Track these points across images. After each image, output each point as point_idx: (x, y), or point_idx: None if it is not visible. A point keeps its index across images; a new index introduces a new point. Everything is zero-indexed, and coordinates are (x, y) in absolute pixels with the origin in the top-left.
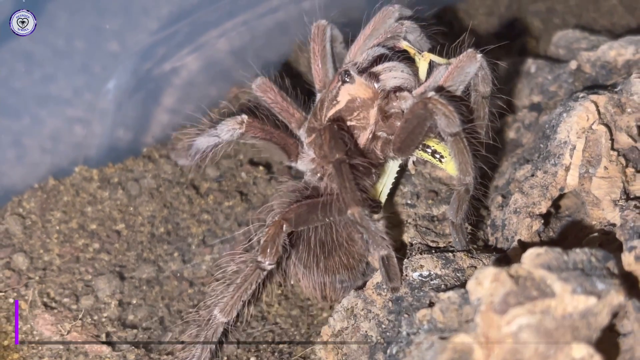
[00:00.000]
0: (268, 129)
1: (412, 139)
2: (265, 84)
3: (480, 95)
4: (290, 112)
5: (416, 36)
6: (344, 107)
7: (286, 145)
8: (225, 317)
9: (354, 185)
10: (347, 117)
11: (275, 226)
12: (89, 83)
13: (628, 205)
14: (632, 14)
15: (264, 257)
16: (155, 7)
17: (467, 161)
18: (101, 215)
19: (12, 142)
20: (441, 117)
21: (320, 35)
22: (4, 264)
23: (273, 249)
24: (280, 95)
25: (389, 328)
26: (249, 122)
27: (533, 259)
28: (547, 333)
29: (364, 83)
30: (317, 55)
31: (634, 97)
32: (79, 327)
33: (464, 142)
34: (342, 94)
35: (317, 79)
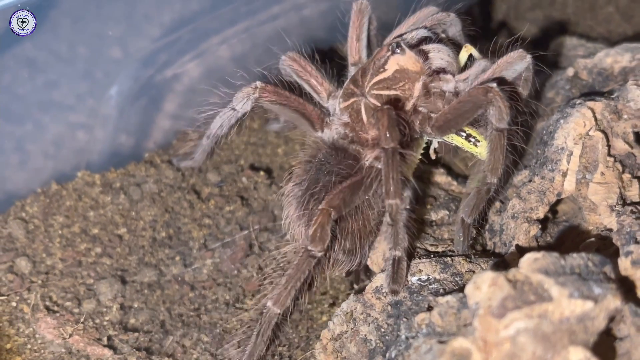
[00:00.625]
0: (283, 93)
1: (458, 120)
2: (295, 54)
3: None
4: (319, 81)
5: (457, 30)
6: (391, 75)
7: (307, 113)
8: (279, 308)
9: (399, 177)
10: (392, 86)
11: (324, 214)
12: (92, 89)
13: (624, 211)
14: (629, 21)
15: (314, 245)
16: (157, 15)
17: (501, 161)
18: (103, 219)
19: (16, 147)
20: (496, 109)
21: (362, 12)
22: (6, 267)
23: (323, 236)
24: (310, 65)
25: (388, 332)
26: (262, 87)
27: (530, 264)
28: (545, 337)
29: (413, 56)
30: (356, 29)
31: (630, 104)
32: (81, 331)
33: (504, 140)
34: (390, 63)
35: (352, 52)
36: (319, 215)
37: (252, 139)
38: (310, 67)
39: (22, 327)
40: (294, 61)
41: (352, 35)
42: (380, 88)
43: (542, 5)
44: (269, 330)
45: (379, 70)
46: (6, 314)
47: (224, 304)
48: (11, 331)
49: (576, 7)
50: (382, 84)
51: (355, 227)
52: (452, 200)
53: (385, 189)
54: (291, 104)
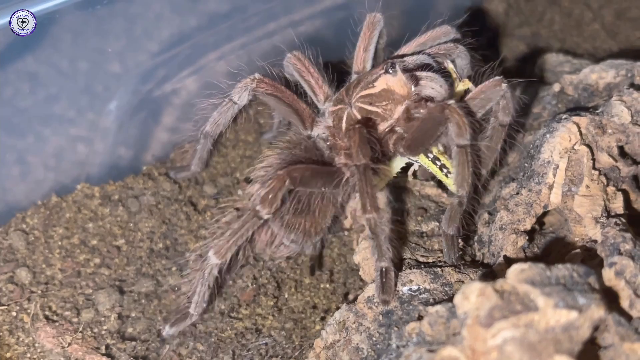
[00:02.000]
0: (279, 87)
1: (423, 139)
2: (300, 54)
3: (498, 123)
4: (319, 83)
5: (465, 63)
6: (377, 93)
7: (300, 110)
8: (219, 258)
9: (374, 192)
10: (376, 103)
11: (279, 179)
12: (92, 103)
13: (609, 223)
14: (614, 38)
15: (262, 207)
16: (156, 31)
17: (466, 175)
18: (102, 231)
19: (17, 159)
20: (454, 126)
21: (373, 25)
22: (7, 278)
23: (273, 200)
24: (313, 67)
25: (380, 341)
26: (260, 78)
27: (517, 274)
28: (531, 346)
29: (403, 80)
30: (365, 40)
31: (614, 119)
32: (80, 340)
33: (468, 156)
34: (380, 81)
35: (358, 61)
36: (274, 179)
37: (248, 152)
38: (312, 68)
39: (21, 337)
40: (298, 60)
41: (361, 45)
42: (364, 102)
43: (530, 23)
44: (210, 278)
45: (368, 85)
46: (6, 324)
47: (219, 314)
48: (11, 340)
49: (563, 24)
50: (368, 98)
51: (306, 222)
52: (443, 212)
53: (361, 204)
54: (286, 99)
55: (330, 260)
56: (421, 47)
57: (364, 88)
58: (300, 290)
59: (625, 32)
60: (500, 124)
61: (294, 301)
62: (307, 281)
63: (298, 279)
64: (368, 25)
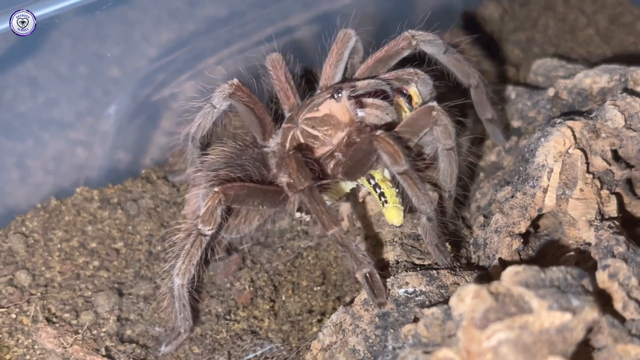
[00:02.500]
0: (254, 98)
1: (357, 168)
2: (278, 60)
3: (444, 148)
4: (288, 94)
5: (427, 90)
6: (320, 117)
7: (264, 122)
8: (182, 280)
9: (327, 207)
10: (317, 127)
11: (213, 199)
12: (91, 107)
13: (602, 226)
14: (608, 43)
15: (204, 225)
16: (155, 36)
17: (420, 194)
18: (101, 234)
19: (16, 163)
20: (386, 155)
21: (343, 41)
22: (7, 280)
23: (212, 219)
24: (286, 76)
25: (376, 342)
26: (238, 85)
27: (512, 277)
28: (525, 347)
29: (346, 107)
30: (333, 56)
31: (608, 123)
32: (80, 341)
33: (413, 178)
34: (324, 105)
35: (324, 77)
36: (210, 198)
37: None
38: (284, 77)
39: (21, 339)
40: (273, 67)
41: (329, 61)
42: (308, 124)
43: (525, 28)
44: (182, 296)
45: (314, 108)
46: (6, 326)
47: (215, 316)
48: (10, 342)
49: (557, 29)
50: (311, 121)
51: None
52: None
53: (320, 223)
54: (257, 110)
55: (327, 262)
56: (380, 62)
57: (309, 110)
58: (298, 293)
59: (619, 37)
60: (445, 147)
61: (291, 304)
62: (305, 284)
63: (295, 282)
64: (337, 42)
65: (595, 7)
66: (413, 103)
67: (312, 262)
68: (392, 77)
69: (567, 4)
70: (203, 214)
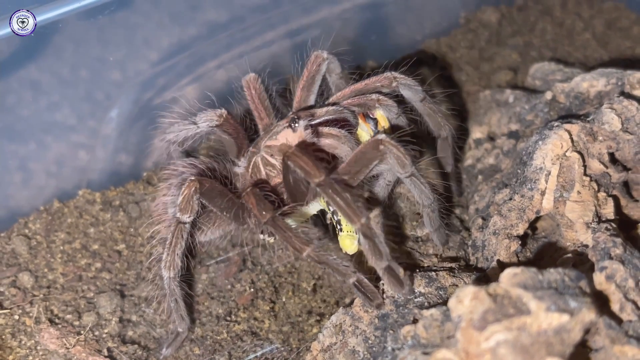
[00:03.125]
0: (238, 129)
1: (295, 194)
2: (252, 81)
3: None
4: (262, 115)
5: (392, 114)
6: (277, 146)
7: (241, 147)
8: (171, 272)
9: (295, 231)
10: (275, 155)
11: (189, 187)
12: (93, 111)
13: (599, 228)
14: (605, 47)
15: (182, 214)
16: (156, 40)
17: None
18: (103, 236)
19: (19, 166)
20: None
21: (315, 63)
22: (10, 282)
23: (189, 206)
24: (259, 97)
25: (375, 343)
26: (227, 117)
27: (510, 279)
28: (523, 348)
29: (302, 137)
30: (304, 80)
31: (605, 126)
32: (82, 342)
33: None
34: (281, 135)
35: (295, 100)
36: (185, 187)
37: None
38: (258, 99)
39: (24, 340)
40: (247, 88)
41: (300, 84)
42: (267, 152)
43: (522, 32)
44: (175, 291)
45: (273, 136)
46: (9, 327)
47: (216, 317)
48: (13, 343)
49: (555, 33)
50: (270, 149)
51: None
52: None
53: (292, 249)
54: (238, 139)
55: None
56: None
57: (270, 138)
58: (298, 294)
59: (615, 42)
60: (405, 176)
61: (292, 305)
62: (304, 285)
63: (296, 283)
64: (309, 66)
65: (592, 12)
66: (379, 126)
67: (312, 263)
68: (354, 103)
69: (564, 8)
70: (180, 202)
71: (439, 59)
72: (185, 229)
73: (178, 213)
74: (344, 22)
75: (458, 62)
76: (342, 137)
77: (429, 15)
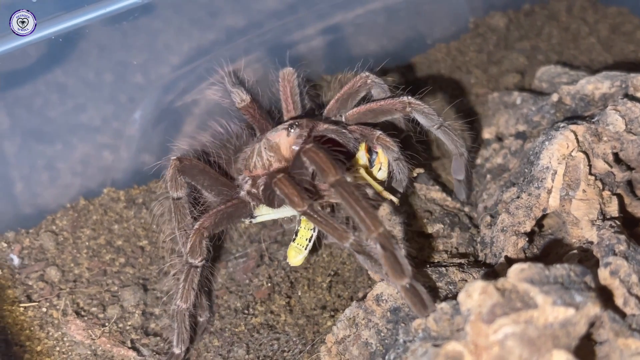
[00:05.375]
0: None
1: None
2: (289, 75)
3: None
4: (289, 108)
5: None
6: (272, 143)
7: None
8: (185, 303)
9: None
10: (267, 150)
11: (196, 234)
12: (117, 113)
13: (604, 225)
14: (609, 51)
15: (193, 259)
16: (177, 45)
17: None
18: (127, 232)
19: (47, 165)
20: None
21: (288, 79)
22: (38, 276)
23: (198, 252)
24: (291, 91)
25: (387, 336)
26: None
27: (517, 274)
28: (530, 341)
29: (291, 144)
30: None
31: (609, 127)
32: (107, 334)
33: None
34: (278, 134)
35: (327, 109)
36: (193, 235)
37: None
38: (290, 92)
39: (51, 331)
40: (282, 80)
41: (337, 95)
42: (264, 144)
43: (529, 37)
44: (186, 321)
45: (273, 132)
46: (37, 319)
47: (234, 311)
48: (42, 334)
49: (560, 38)
50: (267, 142)
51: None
52: (447, 215)
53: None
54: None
55: (341, 260)
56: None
57: (271, 133)
58: (313, 289)
59: (619, 46)
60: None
61: (307, 299)
62: (319, 280)
63: (311, 278)
64: (282, 82)
65: (596, 16)
66: (377, 161)
67: (326, 259)
68: (358, 131)
69: (569, 13)
70: (189, 249)
71: (447, 61)
72: (196, 272)
73: (190, 259)
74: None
75: (467, 65)
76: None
77: (439, 21)
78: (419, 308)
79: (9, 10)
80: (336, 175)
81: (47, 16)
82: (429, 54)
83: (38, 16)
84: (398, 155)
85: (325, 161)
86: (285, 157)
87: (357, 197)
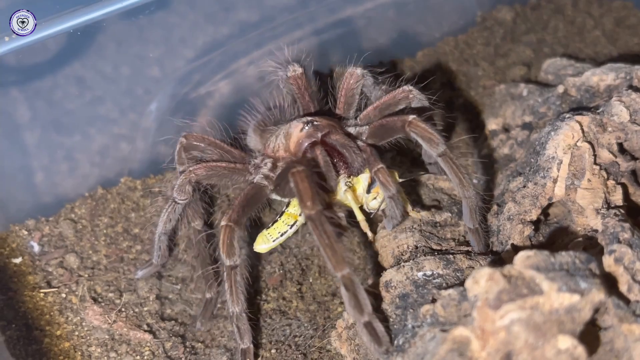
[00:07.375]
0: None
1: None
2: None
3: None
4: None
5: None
6: (287, 131)
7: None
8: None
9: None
10: (282, 138)
11: (225, 231)
12: (134, 105)
13: (609, 214)
14: (614, 44)
15: (231, 261)
16: (192, 38)
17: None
18: (143, 220)
19: (66, 156)
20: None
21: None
22: (57, 263)
23: (232, 251)
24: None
25: (396, 321)
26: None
27: (524, 261)
28: (536, 326)
29: (300, 140)
30: (344, 96)
31: (614, 118)
32: (124, 319)
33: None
34: (295, 124)
35: (338, 108)
36: (223, 233)
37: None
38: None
39: (70, 316)
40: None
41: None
42: (283, 131)
43: (536, 30)
44: (245, 322)
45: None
46: (57, 304)
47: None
48: (61, 319)
49: (566, 31)
50: (284, 130)
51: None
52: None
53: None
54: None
55: (351, 248)
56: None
57: (297, 120)
58: (324, 276)
59: (624, 38)
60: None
61: (318, 286)
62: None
63: (322, 265)
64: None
65: (601, 10)
66: (374, 190)
67: None
68: (365, 155)
69: (575, 7)
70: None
71: (455, 54)
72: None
73: (227, 261)
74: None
75: (475, 58)
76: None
77: (447, 14)
78: (375, 343)
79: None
80: (311, 209)
81: (66, 10)
82: (437, 47)
83: (56, 10)
84: (392, 194)
85: (306, 191)
86: (291, 150)
87: (328, 234)
